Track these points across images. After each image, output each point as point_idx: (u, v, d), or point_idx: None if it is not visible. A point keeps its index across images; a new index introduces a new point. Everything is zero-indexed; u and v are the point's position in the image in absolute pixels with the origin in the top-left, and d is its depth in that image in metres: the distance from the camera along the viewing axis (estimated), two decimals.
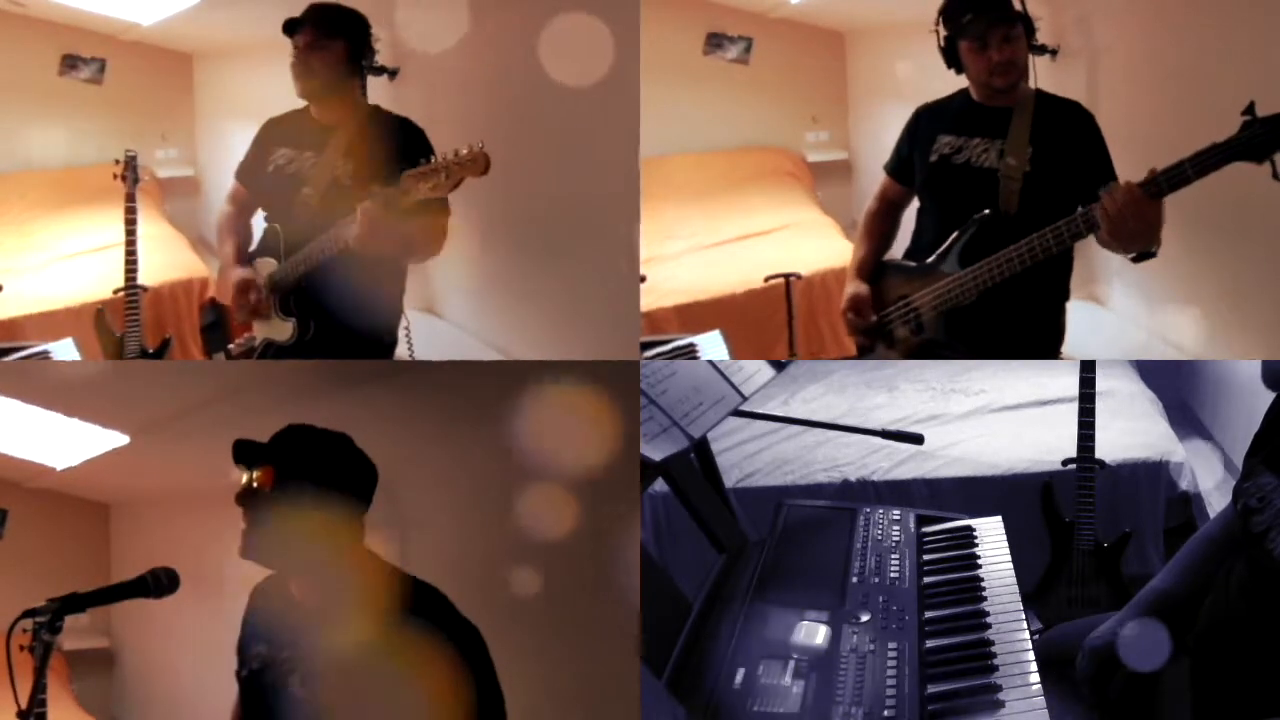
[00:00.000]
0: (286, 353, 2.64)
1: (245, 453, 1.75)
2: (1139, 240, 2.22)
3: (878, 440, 3.17)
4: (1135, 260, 2.29)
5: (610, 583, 2.31)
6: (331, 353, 2.63)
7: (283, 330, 2.63)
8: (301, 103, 2.69)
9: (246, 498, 1.73)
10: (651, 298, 3.20)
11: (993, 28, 2.38)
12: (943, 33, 2.47)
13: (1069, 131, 2.43)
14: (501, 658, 1.69)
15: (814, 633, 1.79)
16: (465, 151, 2.32)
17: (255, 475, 1.73)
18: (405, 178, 2.35)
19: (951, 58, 2.48)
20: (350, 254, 2.47)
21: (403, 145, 2.52)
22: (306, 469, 1.74)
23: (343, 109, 2.64)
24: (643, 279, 2.93)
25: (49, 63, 4.02)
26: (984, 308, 2.42)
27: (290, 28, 2.59)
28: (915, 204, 2.68)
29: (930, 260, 2.50)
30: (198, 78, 4.36)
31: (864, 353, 2.65)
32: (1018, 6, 2.41)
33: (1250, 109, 2.05)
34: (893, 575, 2.06)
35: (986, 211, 2.41)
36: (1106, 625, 1.96)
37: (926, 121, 2.59)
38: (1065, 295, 2.52)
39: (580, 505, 2.44)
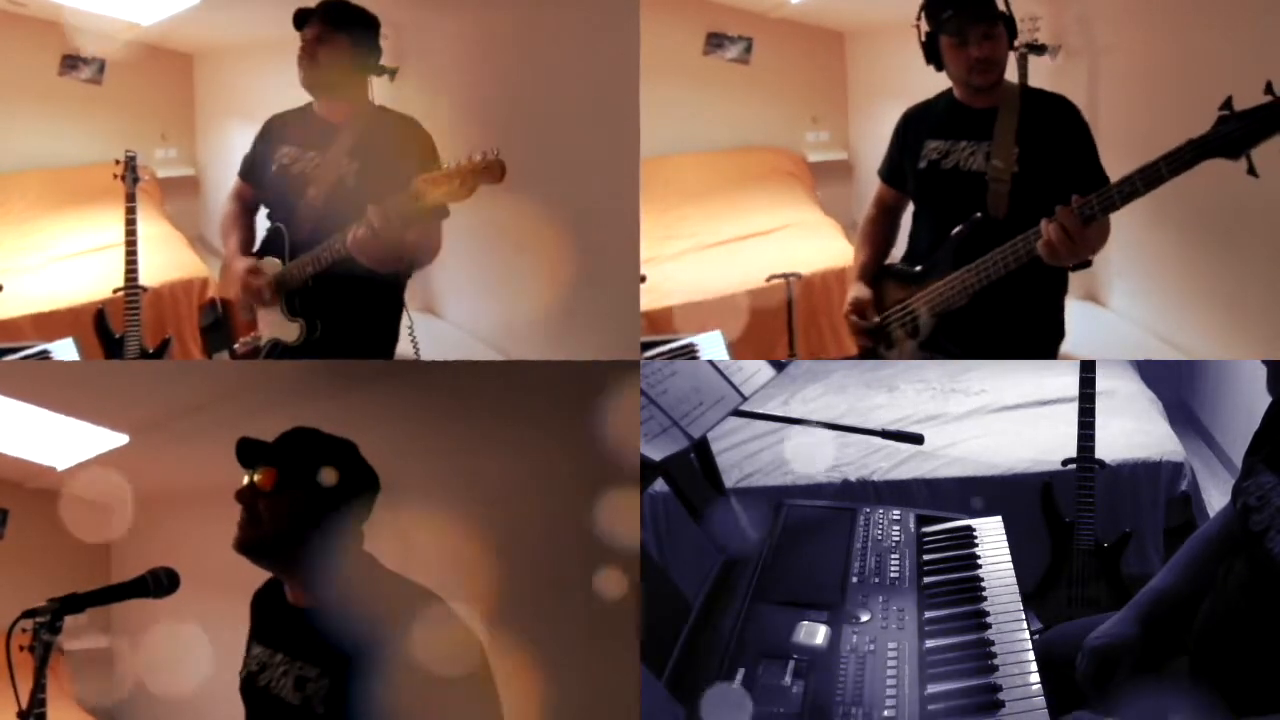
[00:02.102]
0: (293, 353, 2.64)
1: (249, 452, 1.75)
2: (1076, 259, 2.27)
3: (878, 440, 3.17)
4: (1072, 270, 2.35)
5: (610, 583, 2.31)
6: (337, 353, 2.63)
7: (290, 330, 2.63)
8: (305, 100, 2.69)
9: (246, 495, 1.73)
10: (651, 298, 3.20)
11: (973, 24, 2.38)
12: (924, 29, 2.47)
13: (1055, 129, 2.43)
14: (501, 659, 1.69)
15: (814, 633, 1.80)
16: (479, 158, 2.30)
17: (257, 475, 1.72)
18: (420, 182, 2.33)
19: (932, 54, 2.48)
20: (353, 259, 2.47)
21: (408, 146, 2.51)
22: (309, 473, 1.73)
23: (348, 107, 2.63)
24: (643, 279, 2.93)
25: (49, 63, 4.02)
26: (981, 309, 2.42)
27: (300, 19, 2.60)
28: (912, 206, 2.68)
29: (924, 266, 2.51)
30: (198, 78, 4.36)
31: (866, 354, 2.66)
32: (1001, 7, 2.41)
33: (1228, 104, 2.05)
34: (893, 575, 2.06)
35: (977, 215, 2.41)
36: (1106, 625, 1.97)
37: (914, 126, 2.59)
38: (1063, 289, 2.52)
39: (580, 505, 2.44)
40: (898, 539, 2.21)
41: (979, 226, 2.40)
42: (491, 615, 1.74)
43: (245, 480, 1.73)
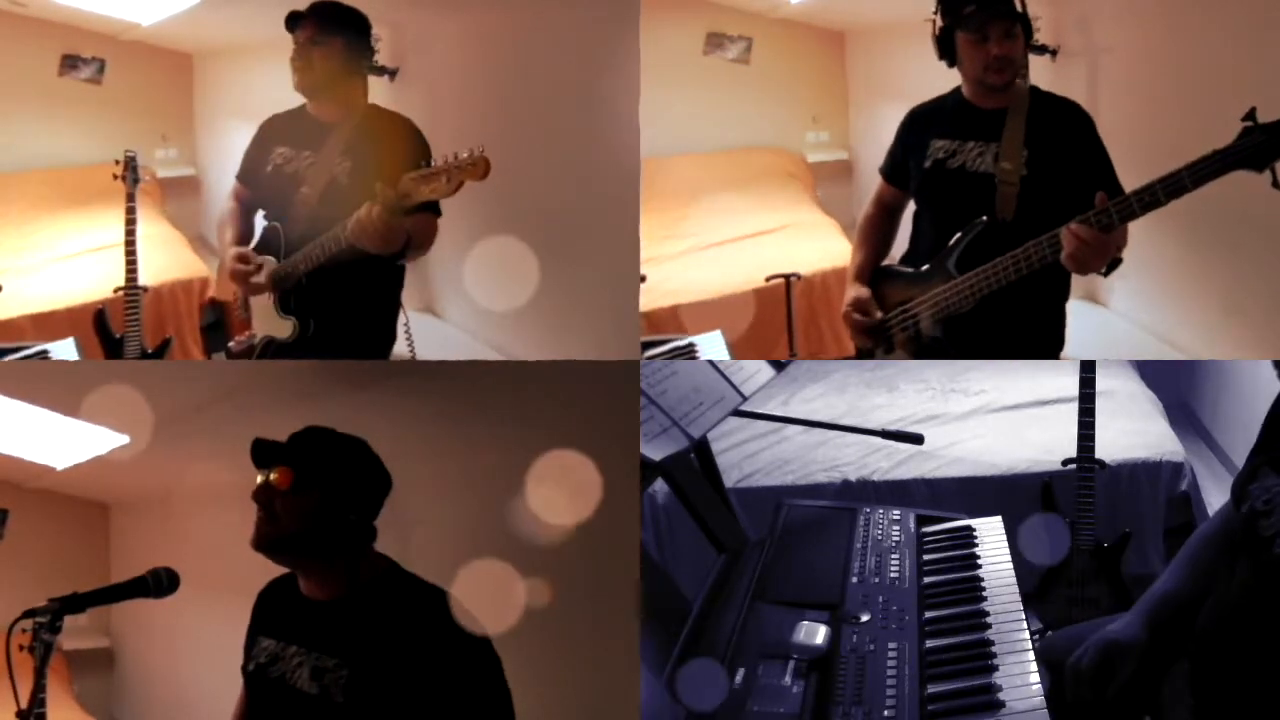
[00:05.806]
0: (287, 350, 2.64)
1: (264, 452, 1.78)
2: (1099, 266, 2.25)
3: (878, 440, 3.17)
4: (1104, 274, 2.32)
5: (610, 583, 2.31)
6: (331, 350, 2.63)
7: (283, 328, 2.64)
8: (301, 101, 2.70)
9: (263, 495, 1.75)
10: (651, 298, 3.20)
11: (994, 21, 2.35)
12: (939, 23, 2.44)
13: (1065, 133, 2.41)
14: (502, 658, 1.70)
15: (814, 633, 1.79)
16: (466, 155, 2.33)
17: (273, 475, 1.75)
18: (406, 180, 2.36)
19: (945, 49, 2.45)
20: (349, 252, 2.47)
21: (400, 144, 2.52)
22: (323, 471, 1.76)
23: (341, 107, 2.65)
24: (643, 279, 2.93)
25: (49, 63, 4.02)
26: (983, 312, 2.41)
27: (292, 22, 2.61)
28: (912, 206, 2.67)
29: (928, 267, 2.47)
30: (198, 78, 4.36)
31: (864, 355, 2.64)
32: (1018, 7, 2.39)
33: (1251, 115, 2.02)
34: (893, 575, 2.06)
35: (984, 218, 2.39)
36: (1116, 625, 1.95)
37: (919, 124, 2.56)
38: (1065, 296, 2.51)
39: (580, 505, 2.44)
40: (898, 539, 2.21)
41: (986, 229, 2.38)
42: (492, 614, 1.74)
43: (260, 480, 1.76)
